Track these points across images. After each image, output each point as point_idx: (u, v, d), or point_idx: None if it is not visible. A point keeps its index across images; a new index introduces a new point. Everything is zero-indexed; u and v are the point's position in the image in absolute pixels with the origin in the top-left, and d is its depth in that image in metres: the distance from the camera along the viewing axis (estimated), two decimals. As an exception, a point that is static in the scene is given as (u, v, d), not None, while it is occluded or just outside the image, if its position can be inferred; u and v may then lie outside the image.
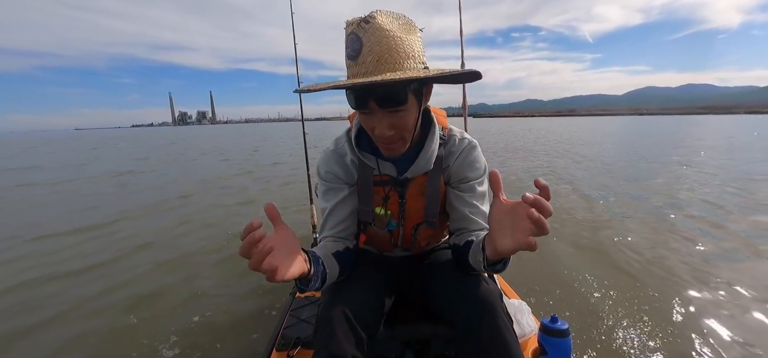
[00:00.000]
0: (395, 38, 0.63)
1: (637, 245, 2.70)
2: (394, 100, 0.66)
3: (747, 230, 2.97)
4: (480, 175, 0.86)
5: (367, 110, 0.69)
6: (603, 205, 4.00)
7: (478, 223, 0.82)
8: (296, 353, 1.03)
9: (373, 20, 0.63)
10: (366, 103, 0.67)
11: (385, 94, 0.65)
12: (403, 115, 0.69)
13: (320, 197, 0.90)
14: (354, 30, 0.64)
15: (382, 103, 0.66)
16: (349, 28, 0.66)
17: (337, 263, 0.78)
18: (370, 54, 0.63)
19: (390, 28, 0.63)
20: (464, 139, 0.86)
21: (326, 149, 0.89)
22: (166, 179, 6.71)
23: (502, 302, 0.79)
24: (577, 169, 6.63)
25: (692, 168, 6.35)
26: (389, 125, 0.69)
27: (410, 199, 0.86)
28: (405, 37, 0.64)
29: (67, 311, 1.95)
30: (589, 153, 9.24)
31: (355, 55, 0.64)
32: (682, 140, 12.72)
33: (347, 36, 0.66)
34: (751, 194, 4.28)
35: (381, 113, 0.68)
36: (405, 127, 0.71)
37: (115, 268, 2.53)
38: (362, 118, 0.73)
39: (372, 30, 0.62)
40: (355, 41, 0.64)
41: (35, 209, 4.57)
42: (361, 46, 0.63)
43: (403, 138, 0.73)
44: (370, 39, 0.62)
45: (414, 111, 0.71)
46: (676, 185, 4.91)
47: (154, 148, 15.60)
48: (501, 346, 0.70)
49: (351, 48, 0.65)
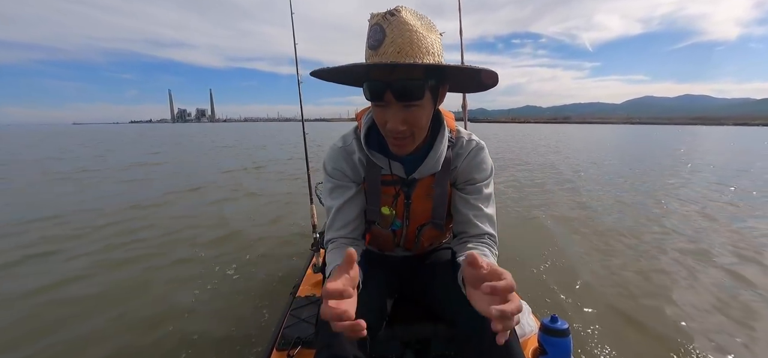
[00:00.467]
0: (417, 33, 0.64)
1: (637, 245, 2.71)
2: (412, 93, 0.67)
3: (746, 230, 2.98)
4: (486, 177, 0.85)
5: (382, 103, 0.69)
6: (603, 206, 4.00)
7: (481, 227, 0.82)
8: (296, 352, 1.03)
9: (399, 14, 0.64)
10: (382, 95, 0.68)
11: (403, 87, 0.66)
12: (417, 111, 0.69)
13: (325, 194, 0.88)
14: (378, 21, 0.65)
15: (399, 96, 0.67)
16: (373, 20, 0.66)
17: (360, 269, 0.79)
18: (391, 45, 0.63)
19: (413, 23, 0.64)
20: (472, 141, 0.86)
21: (334, 145, 0.88)
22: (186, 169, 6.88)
23: None
24: (576, 172, 6.64)
25: (694, 174, 6.37)
26: (403, 120, 0.69)
27: (416, 200, 0.86)
28: (426, 35, 0.65)
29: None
30: (584, 159, 9.25)
31: (377, 45, 0.65)
32: (677, 151, 12.75)
33: (371, 26, 0.66)
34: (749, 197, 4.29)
35: (396, 107, 0.68)
36: (417, 124, 0.72)
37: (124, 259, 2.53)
38: (376, 112, 0.73)
39: (396, 23, 0.64)
40: (379, 32, 0.65)
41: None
42: (383, 36, 0.64)
43: (413, 135, 0.73)
44: (394, 31, 0.63)
45: (428, 109, 0.72)
46: (676, 189, 4.92)
47: (173, 144, 15.72)
48: (503, 347, 0.70)
49: (373, 38, 0.65)
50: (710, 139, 20.49)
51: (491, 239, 0.82)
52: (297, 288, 1.48)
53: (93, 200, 4.65)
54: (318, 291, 1.42)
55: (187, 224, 3.56)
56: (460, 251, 0.79)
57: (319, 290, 1.43)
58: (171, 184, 5.81)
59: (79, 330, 1.77)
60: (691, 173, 6.24)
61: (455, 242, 0.86)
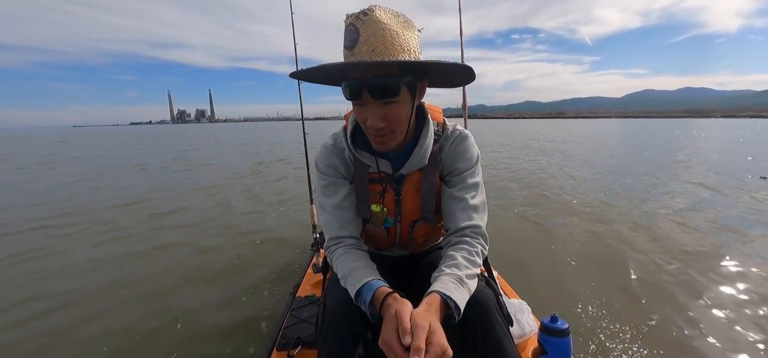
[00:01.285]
0: (391, 32, 0.65)
1: (638, 245, 2.71)
2: (387, 91, 0.68)
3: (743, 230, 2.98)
4: (471, 166, 0.85)
5: (360, 101, 0.71)
6: (603, 206, 4.00)
7: (462, 222, 0.80)
8: (296, 352, 1.04)
9: (371, 13, 0.66)
10: (360, 94, 0.69)
11: (378, 85, 0.67)
12: (395, 107, 0.71)
13: (320, 192, 0.88)
14: (352, 21, 0.67)
15: (375, 94, 0.68)
16: (347, 20, 0.68)
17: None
18: (365, 44, 0.65)
19: (387, 21, 0.66)
20: (455, 130, 0.86)
21: (325, 143, 0.88)
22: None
23: (500, 301, 0.79)
24: (575, 170, 6.64)
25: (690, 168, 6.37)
26: (381, 117, 0.70)
27: (406, 195, 0.86)
28: (401, 32, 0.67)
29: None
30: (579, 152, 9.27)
31: (352, 45, 0.67)
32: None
33: (346, 27, 0.68)
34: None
35: (374, 105, 0.70)
36: (396, 121, 0.72)
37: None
38: (356, 110, 0.74)
39: (369, 22, 0.65)
40: (353, 32, 0.66)
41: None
42: (357, 36, 0.66)
43: (393, 132, 0.74)
44: (367, 30, 0.65)
45: (406, 105, 0.73)
46: (675, 189, 4.92)
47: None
48: (494, 344, 0.70)
49: (348, 38, 0.67)
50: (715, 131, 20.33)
51: (474, 231, 0.80)
52: (297, 288, 1.48)
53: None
54: (318, 291, 1.42)
55: (187, 224, 3.57)
56: (442, 255, 0.79)
57: (319, 290, 1.43)
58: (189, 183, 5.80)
59: (78, 330, 1.78)
60: (704, 173, 6.24)
61: (444, 240, 0.85)
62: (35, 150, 15.23)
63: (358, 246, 0.84)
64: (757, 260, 2.37)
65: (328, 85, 0.80)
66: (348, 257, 0.78)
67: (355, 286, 0.70)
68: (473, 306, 0.73)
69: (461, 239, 0.79)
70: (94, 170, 7.92)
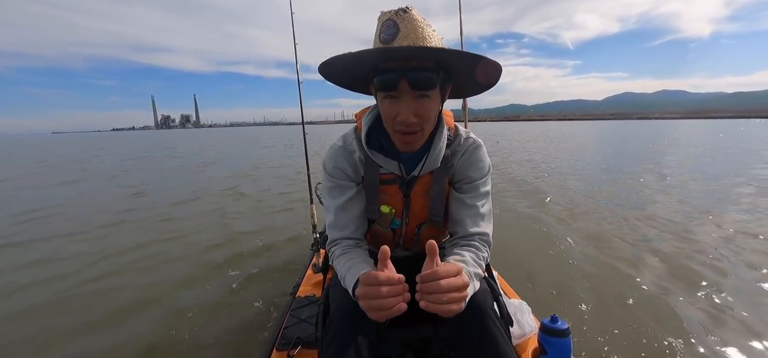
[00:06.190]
0: (428, 31, 0.69)
1: (638, 245, 2.70)
2: (425, 83, 0.69)
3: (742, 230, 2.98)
4: (483, 175, 0.86)
5: (395, 93, 0.71)
6: (603, 206, 4.00)
7: (472, 228, 0.82)
8: (296, 352, 1.03)
9: (410, 11, 0.69)
10: (397, 85, 0.69)
11: (418, 76, 0.69)
12: (427, 103, 0.72)
13: (325, 193, 0.88)
14: (392, 17, 0.69)
15: (414, 85, 0.69)
16: (385, 16, 0.70)
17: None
18: (405, 38, 0.68)
19: (422, 21, 0.70)
20: (469, 138, 0.87)
21: (334, 145, 0.88)
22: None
23: (500, 301, 0.79)
24: (575, 170, 6.63)
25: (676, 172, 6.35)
26: (414, 112, 0.71)
27: (415, 197, 0.86)
28: (434, 34, 0.71)
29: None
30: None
31: (390, 38, 0.69)
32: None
33: (383, 22, 0.70)
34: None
35: (409, 98, 0.70)
36: (427, 118, 0.73)
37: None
38: (386, 105, 0.73)
39: (409, 19, 0.68)
40: (392, 26, 0.69)
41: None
42: (397, 30, 0.68)
43: (422, 130, 0.75)
44: (407, 26, 0.68)
45: (437, 103, 0.74)
46: (673, 189, 4.92)
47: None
48: (490, 343, 0.71)
49: (386, 33, 0.69)
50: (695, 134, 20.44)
51: (481, 238, 0.82)
52: (297, 288, 1.48)
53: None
54: (318, 291, 1.42)
55: (186, 223, 3.57)
56: (448, 253, 0.79)
57: (319, 290, 1.43)
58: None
59: (77, 328, 1.78)
60: (699, 173, 6.24)
61: (448, 243, 0.86)
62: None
63: (357, 245, 0.84)
64: (758, 261, 2.37)
65: (344, 88, 0.84)
66: (346, 255, 0.79)
67: (352, 282, 0.70)
68: (470, 307, 0.73)
69: (470, 243, 0.80)
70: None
